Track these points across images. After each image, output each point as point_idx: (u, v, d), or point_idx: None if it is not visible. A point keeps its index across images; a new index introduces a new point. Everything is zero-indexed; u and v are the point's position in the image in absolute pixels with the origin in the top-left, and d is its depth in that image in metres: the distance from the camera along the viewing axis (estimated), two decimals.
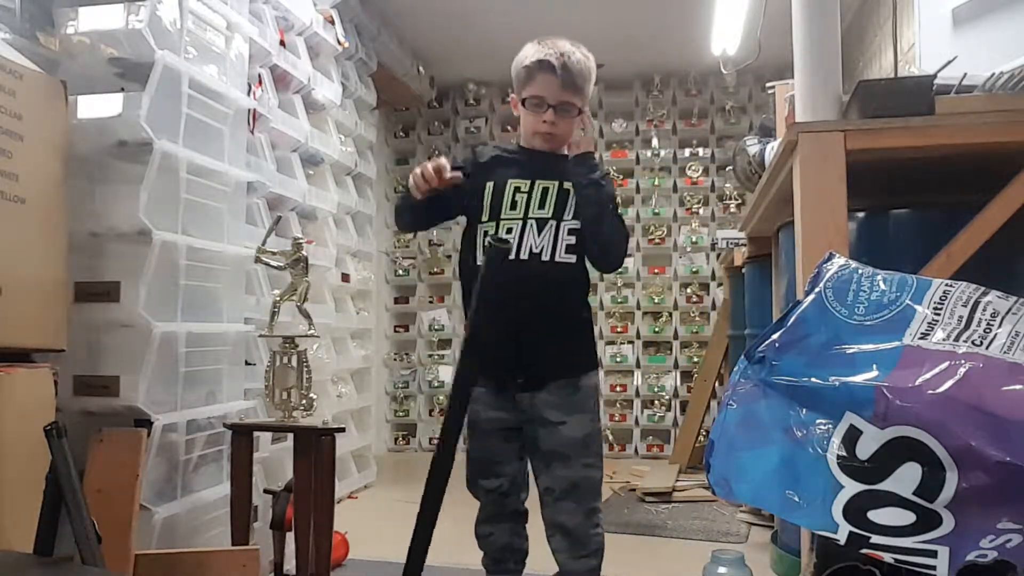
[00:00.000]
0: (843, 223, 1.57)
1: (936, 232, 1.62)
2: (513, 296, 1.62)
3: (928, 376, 0.90)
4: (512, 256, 1.65)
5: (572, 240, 1.70)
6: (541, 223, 1.70)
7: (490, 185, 1.75)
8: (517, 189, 1.72)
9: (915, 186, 1.82)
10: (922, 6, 2.43)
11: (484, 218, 1.74)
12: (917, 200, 1.80)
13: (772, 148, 2.39)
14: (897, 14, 3.22)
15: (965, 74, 1.65)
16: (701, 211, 5.20)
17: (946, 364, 0.90)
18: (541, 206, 1.71)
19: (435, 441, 5.89)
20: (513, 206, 1.72)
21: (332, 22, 3.41)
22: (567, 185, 1.72)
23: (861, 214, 1.81)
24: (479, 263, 1.69)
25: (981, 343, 0.93)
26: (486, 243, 1.65)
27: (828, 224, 1.57)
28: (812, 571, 1.08)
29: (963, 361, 0.90)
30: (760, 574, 2.21)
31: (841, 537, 0.92)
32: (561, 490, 1.70)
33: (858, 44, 4.03)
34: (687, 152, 5.24)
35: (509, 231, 1.69)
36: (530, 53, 1.73)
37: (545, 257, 1.69)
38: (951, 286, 1.00)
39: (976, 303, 0.98)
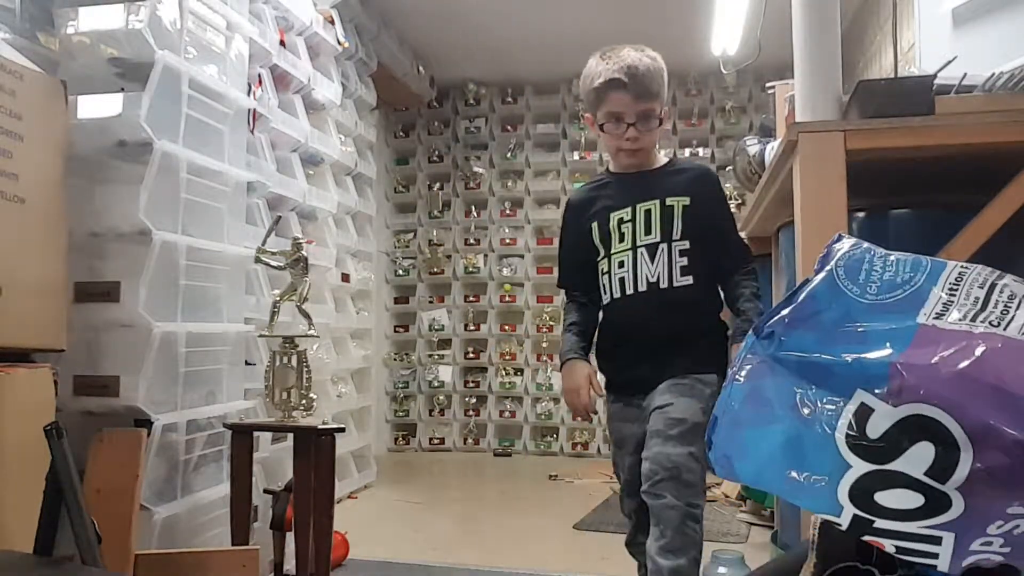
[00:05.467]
0: (843, 223, 1.57)
1: (936, 232, 1.62)
2: (640, 330, 1.66)
3: (945, 354, 0.87)
4: (630, 291, 1.66)
5: (685, 261, 1.66)
6: (651, 249, 1.66)
7: (594, 226, 1.71)
8: (620, 220, 1.69)
9: (915, 186, 1.82)
10: (922, 6, 2.42)
11: (600, 255, 1.72)
12: (917, 200, 1.80)
13: (772, 148, 2.39)
14: (897, 14, 3.22)
15: (965, 74, 1.64)
16: None
17: (963, 343, 0.88)
18: (647, 231, 1.67)
19: (435, 441, 5.90)
20: (621, 239, 1.69)
21: (332, 22, 3.40)
22: (669, 201, 1.67)
23: (861, 214, 1.81)
24: (604, 302, 1.72)
25: (999, 324, 0.91)
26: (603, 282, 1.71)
27: (828, 224, 1.56)
28: (812, 571, 1.08)
29: (980, 341, 0.88)
30: None
31: (844, 521, 0.90)
32: (665, 470, 1.52)
33: (858, 44, 4.02)
34: (687, 152, 5.23)
35: (621, 265, 1.68)
36: (595, 71, 1.67)
37: (663, 284, 1.65)
38: (966, 268, 0.98)
39: (993, 285, 0.95)
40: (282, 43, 2.93)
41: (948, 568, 0.85)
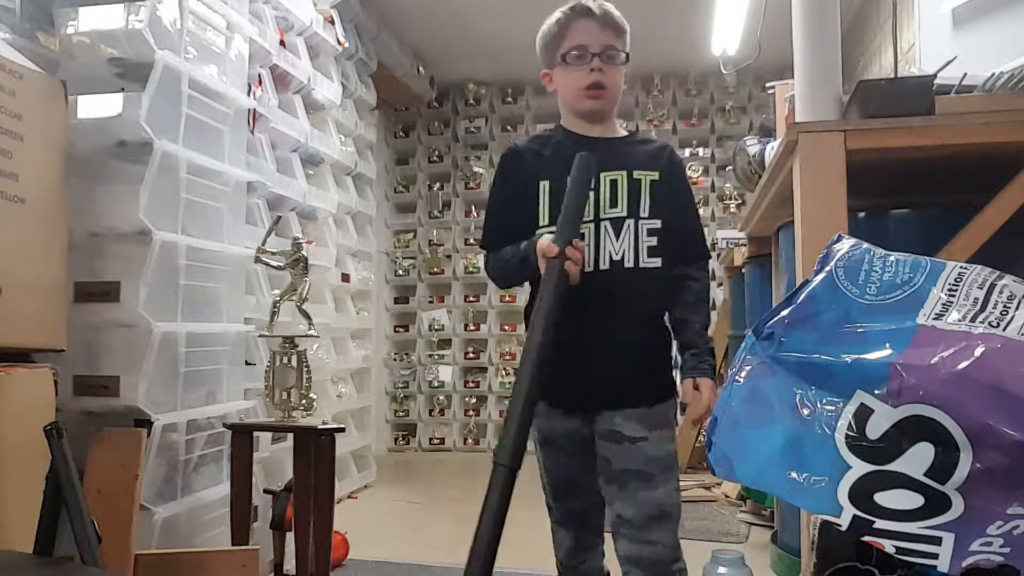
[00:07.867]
0: (843, 223, 1.57)
1: (936, 232, 1.62)
2: (596, 311, 1.43)
3: (944, 355, 0.87)
4: (590, 267, 1.42)
5: (653, 241, 1.46)
6: (617, 224, 1.45)
7: (544, 185, 1.48)
8: None
9: (915, 186, 1.82)
10: (922, 6, 2.42)
11: (543, 221, 1.47)
12: (917, 200, 1.80)
13: (772, 148, 2.39)
14: (897, 14, 3.22)
15: (965, 74, 1.64)
16: (701, 211, 5.20)
17: (962, 344, 0.88)
18: (613, 203, 1.46)
19: (435, 441, 5.87)
20: None
21: (332, 22, 3.41)
22: (637, 174, 1.47)
23: (861, 214, 1.81)
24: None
25: (998, 325, 0.90)
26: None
27: (828, 224, 1.56)
28: (812, 571, 1.08)
29: (980, 342, 0.88)
30: (760, 574, 2.21)
31: (844, 522, 0.90)
32: (647, 516, 1.43)
33: (858, 44, 4.03)
34: (687, 152, 5.24)
35: (581, 236, 1.41)
36: (555, 15, 1.52)
37: (628, 263, 1.44)
38: (966, 268, 0.98)
39: (992, 285, 0.95)
40: (282, 43, 2.93)
41: (948, 568, 0.85)
